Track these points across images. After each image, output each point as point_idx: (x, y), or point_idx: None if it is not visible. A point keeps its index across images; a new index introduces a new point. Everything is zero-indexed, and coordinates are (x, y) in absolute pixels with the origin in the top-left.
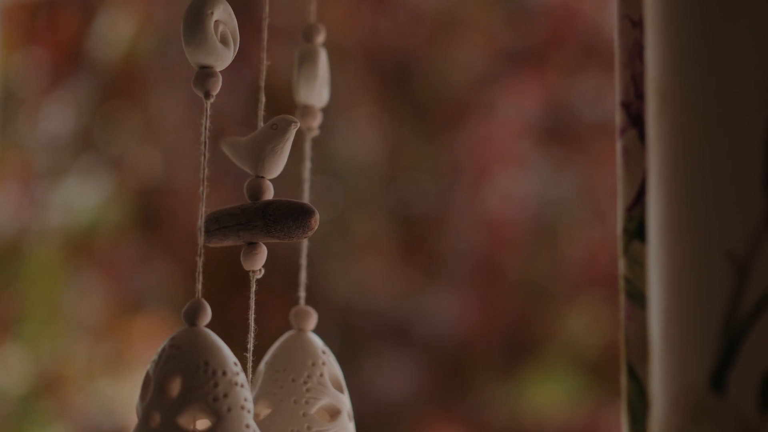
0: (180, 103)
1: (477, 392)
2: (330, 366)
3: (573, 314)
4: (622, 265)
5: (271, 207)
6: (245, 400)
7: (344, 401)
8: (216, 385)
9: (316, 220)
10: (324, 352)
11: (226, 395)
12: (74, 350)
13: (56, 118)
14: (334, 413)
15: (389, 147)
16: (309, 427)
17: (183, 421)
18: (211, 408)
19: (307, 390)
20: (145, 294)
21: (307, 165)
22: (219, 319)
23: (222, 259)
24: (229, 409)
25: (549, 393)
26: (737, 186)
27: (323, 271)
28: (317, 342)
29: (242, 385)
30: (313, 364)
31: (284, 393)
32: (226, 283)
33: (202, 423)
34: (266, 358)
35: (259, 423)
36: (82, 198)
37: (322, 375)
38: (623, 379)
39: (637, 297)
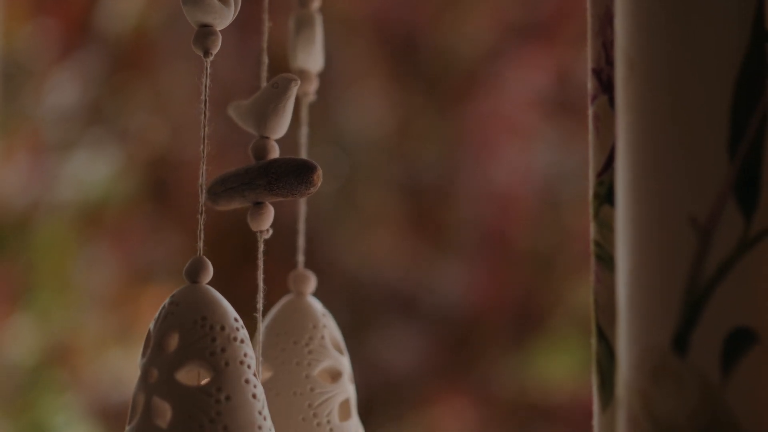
0: (190, 75)
1: (485, 364)
2: (330, 329)
3: (581, 285)
4: (592, 229)
5: (273, 165)
6: (245, 355)
7: (345, 363)
8: (213, 339)
9: (319, 176)
10: (324, 315)
11: (223, 350)
12: (85, 321)
13: (65, 90)
14: (335, 375)
15: (398, 119)
16: (312, 389)
17: (181, 376)
18: (209, 362)
19: (309, 352)
20: (155, 265)
21: (304, 130)
22: (229, 289)
23: (234, 230)
24: (227, 364)
25: (557, 364)
26: (702, 153)
27: (331, 243)
28: (317, 305)
29: (242, 341)
30: (314, 327)
31: (286, 356)
32: (238, 254)
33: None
34: (265, 322)
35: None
36: (92, 170)
37: (323, 337)
38: (593, 342)
39: (607, 260)
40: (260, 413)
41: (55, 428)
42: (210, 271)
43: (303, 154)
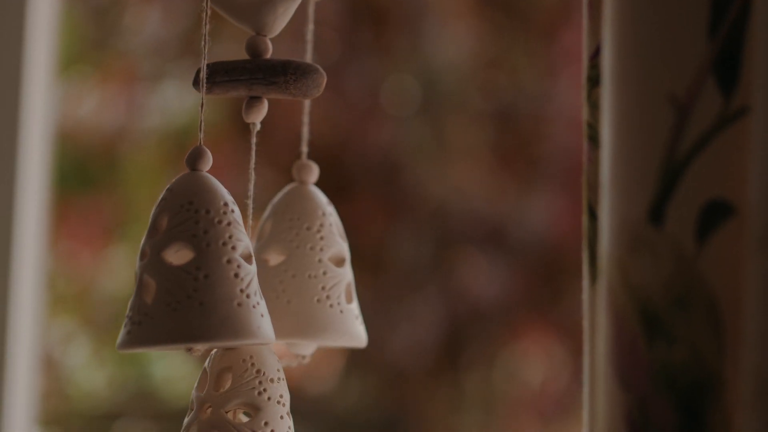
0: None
1: (570, 295)
2: (335, 217)
3: None
4: (585, 111)
5: (291, 66)
6: (230, 237)
7: (347, 250)
8: (197, 222)
9: (325, 82)
10: (328, 204)
11: (206, 232)
12: None
13: (158, 22)
14: (340, 261)
15: (488, 52)
16: (325, 273)
17: (167, 254)
18: (191, 243)
19: (321, 238)
20: (242, 197)
21: (310, 27)
22: None
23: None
24: (208, 245)
25: None
26: (682, 32)
27: (419, 175)
28: (321, 194)
29: (228, 224)
30: (323, 214)
31: (300, 240)
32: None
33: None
34: (272, 208)
35: (275, 268)
36: (180, 102)
37: (331, 225)
38: (584, 219)
39: (597, 140)
40: (243, 291)
41: (151, 360)
42: (209, 160)
43: (309, 53)
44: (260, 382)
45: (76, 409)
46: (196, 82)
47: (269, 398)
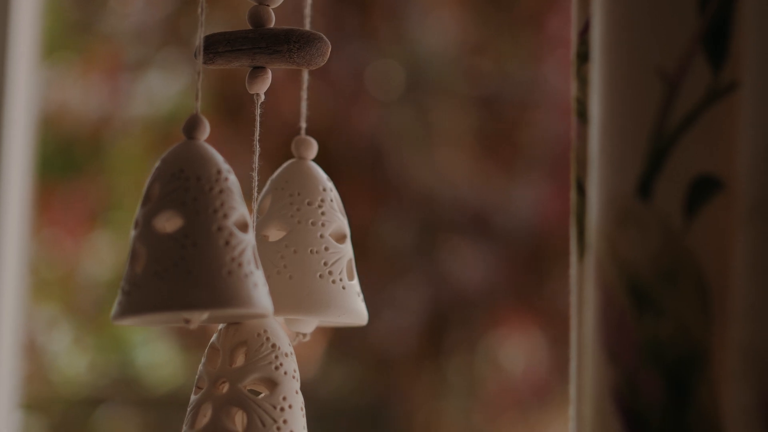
0: None
1: (553, 282)
2: (335, 192)
3: None
4: (574, 87)
5: (294, 34)
6: (221, 205)
7: (347, 226)
8: (186, 190)
9: (329, 50)
10: (328, 180)
11: (195, 199)
12: None
13: (143, 9)
14: (341, 237)
15: (473, 38)
16: (326, 248)
17: (157, 223)
18: (180, 211)
19: (322, 213)
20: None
21: (309, 1)
22: None
23: None
24: (198, 213)
25: None
26: (672, 8)
27: (404, 160)
28: (321, 170)
29: (221, 191)
30: (324, 190)
31: (301, 215)
32: None
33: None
34: (271, 183)
35: (276, 244)
36: (165, 88)
37: (332, 200)
38: (572, 194)
39: (586, 116)
40: (234, 260)
41: (134, 345)
42: (205, 128)
43: (308, 25)
44: (276, 357)
45: (58, 394)
46: (209, 49)
47: (285, 372)
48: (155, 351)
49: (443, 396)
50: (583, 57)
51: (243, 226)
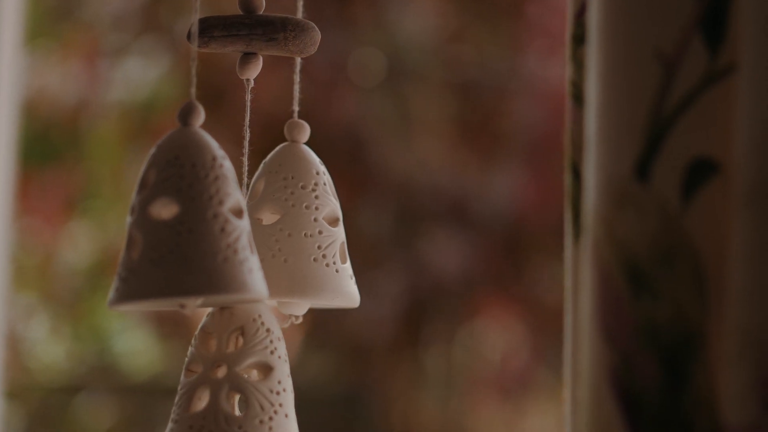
0: None
1: (532, 270)
2: (328, 176)
3: None
4: (569, 70)
5: (290, 22)
6: (216, 191)
7: (340, 209)
8: (182, 177)
9: (319, 39)
10: (321, 163)
11: (191, 186)
12: None
13: None
14: (334, 220)
15: (451, 24)
16: (320, 232)
17: (153, 209)
18: (176, 197)
19: (316, 197)
20: None
21: None
22: None
23: None
24: (193, 199)
25: None
26: None
27: (382, 148)
28: (314, 153)
29: (216, 178)
30: (317, 173)
31: (295, 199)
32: None
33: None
34: (264, 166)
35: (270, 227)
36: (143, 75)
37: (325, 184)
38: (567, 178)
39: (582, 99)
40: (230, 246)
41: (112, 334)
42: (200, 114)
43: (299, 13)
44: (271, 341)
45: (36, 382)
46: (195, 36)
47: (279, 356)
48: (133, 339)
49: (421, 385)
50: (579, 39)
51: (238, 212)
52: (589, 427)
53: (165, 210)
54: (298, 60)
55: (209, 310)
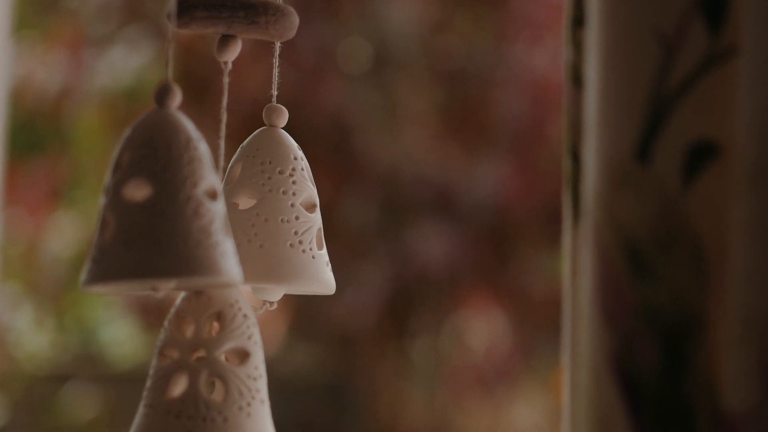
0: None
1: (517, 261)
2: (306, 161)
3: None
4: (567, 52)
5: (271, 6)
6: (191, 174)
7: (317, 195)
8: (156, 159)
9: (298, 24)
10: (299, 148)
11: (164, 168)
12: None
13: None
14: (311, 206)
15: (437, 15)
16: (297, 217)
17: (126, 191)
18: (149, 180)
19: (294, 182)
20: None
21: None
22: None
23: None
24: (166, 181)
25: None
26: None
27: (368, 139)
28: (291, 138)
29: (190, 160)
30: (295, 158)
31: (272, 184)
32: None
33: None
34: (241, 150)
35: (246, 212)
36: (128, 64)
37: (302, 169)
38: (565, 161)
39: (581, 82)
40: (203, 229)
41: (98, 323)
42: (176, 96)
43: None
44: (248, 326)
45: (22, 371)
46: (185, 14)
47: (256, 342)
48: (117, 328)
49: (406, 375)
50: (578, 21)
51: (213, 195)
52: (588, 411)
53: (138, 192)
54: (278, 44)
55: (183, 294)
